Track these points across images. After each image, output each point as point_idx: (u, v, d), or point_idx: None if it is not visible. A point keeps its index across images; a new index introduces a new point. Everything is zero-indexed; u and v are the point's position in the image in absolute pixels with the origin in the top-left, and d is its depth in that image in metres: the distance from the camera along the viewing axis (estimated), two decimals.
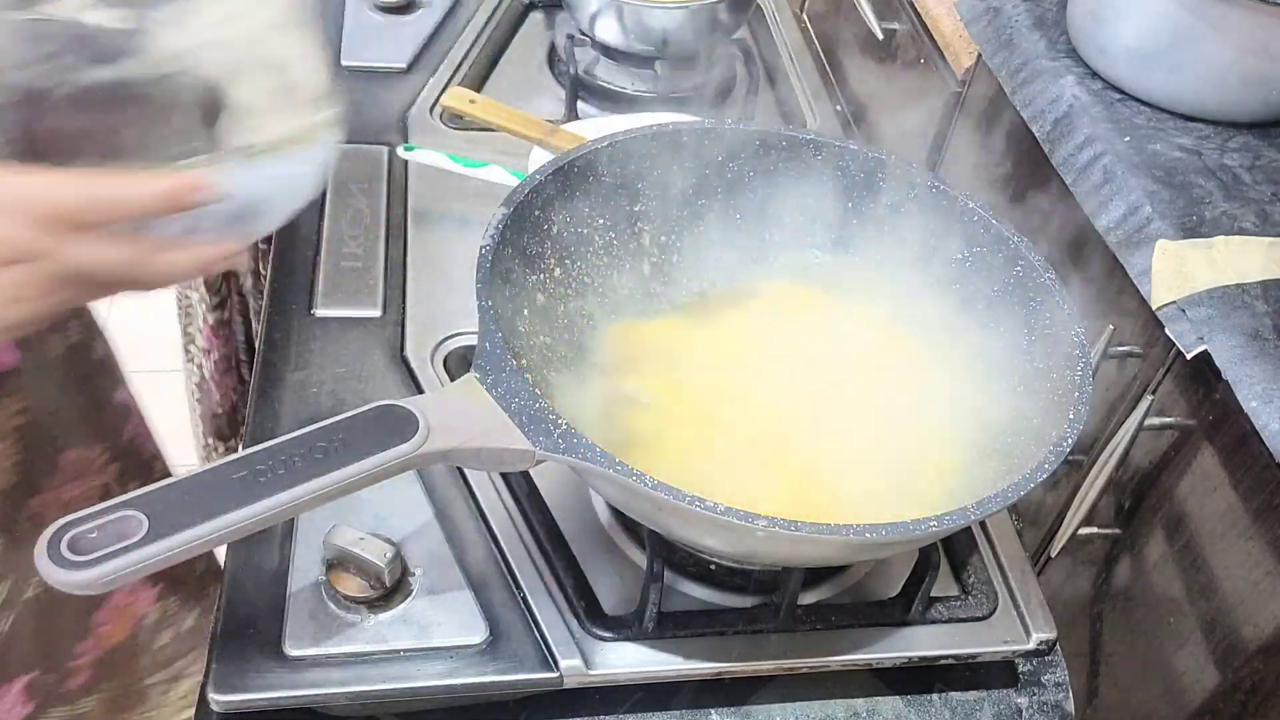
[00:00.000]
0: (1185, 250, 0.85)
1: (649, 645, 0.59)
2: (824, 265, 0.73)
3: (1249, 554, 0.79)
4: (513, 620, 0.59)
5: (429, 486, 0.65)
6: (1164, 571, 0.89)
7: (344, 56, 1.01)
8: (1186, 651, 0.86)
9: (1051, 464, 0.53)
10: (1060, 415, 0.56)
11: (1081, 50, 1.07)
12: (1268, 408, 0.74)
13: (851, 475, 0.63)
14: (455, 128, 0.95)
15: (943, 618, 0.63)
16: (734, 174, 0.72)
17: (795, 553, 0.54)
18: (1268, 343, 0.78)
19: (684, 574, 0.63)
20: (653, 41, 0.98)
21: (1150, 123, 1.00)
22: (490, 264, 0.57)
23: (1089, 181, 0.96)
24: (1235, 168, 0.96)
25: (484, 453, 0.52)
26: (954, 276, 0.69)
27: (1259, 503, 0.78)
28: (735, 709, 0.61)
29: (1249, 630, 0.79)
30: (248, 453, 0.49)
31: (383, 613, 0.58)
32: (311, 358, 0.72)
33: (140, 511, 0.45)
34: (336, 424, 0.50)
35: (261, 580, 0.59)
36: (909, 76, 1.38)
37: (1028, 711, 0.64)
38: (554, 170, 0.65)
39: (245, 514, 0.46)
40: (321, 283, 0.78)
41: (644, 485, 0.48)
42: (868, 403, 0.67)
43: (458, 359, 0.74)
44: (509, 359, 0.53)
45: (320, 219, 0.83)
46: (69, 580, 0.43)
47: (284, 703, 0.55)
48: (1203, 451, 0.84)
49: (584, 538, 0.64)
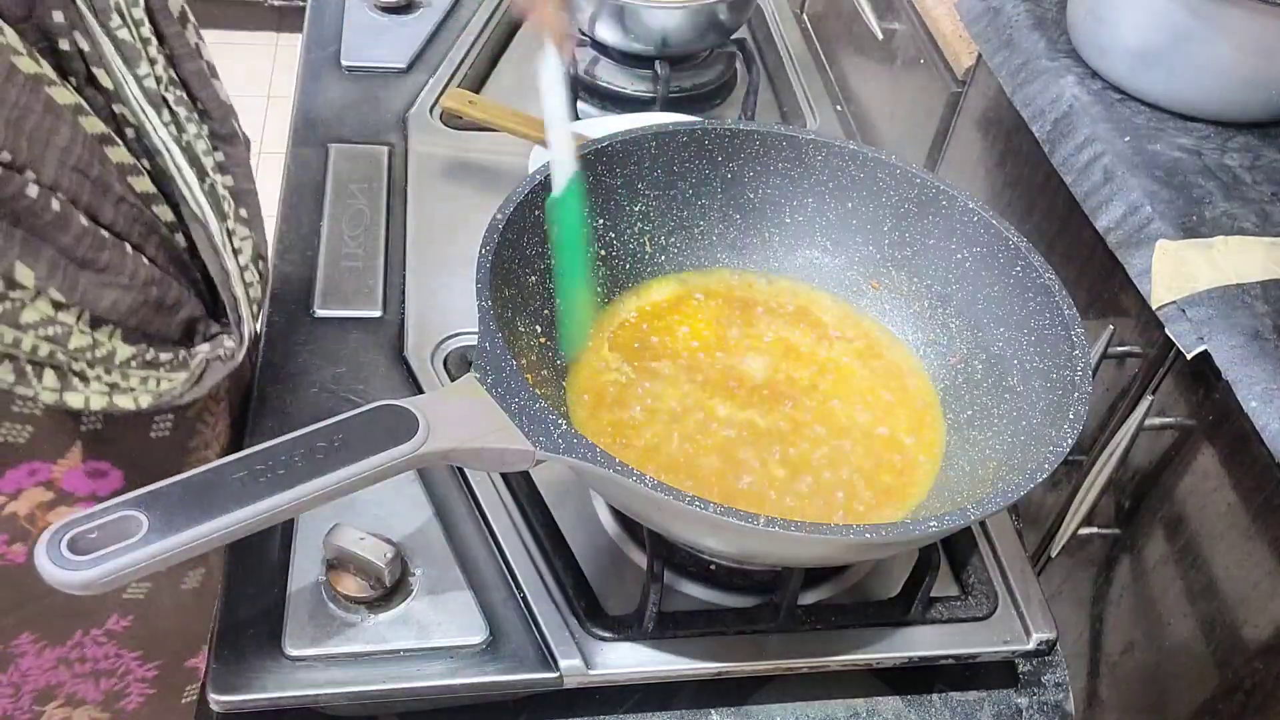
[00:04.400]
0: (1185, 250, 0.85)
1: (649, 645, 0.59)
2: (824, 265, 0.74)
3: (1249, 554, 0.79)
4: (513, 620, 0.59)
5: (429, 486, 0.65)
6: (1164, 571, 0.89)
7: (344, 56, 1.01)
8: (1186, 651, 0.86)
9: (1051, 464, 0.53)
10: (1060, 415, 0.56)
11: (1081, 50, 1.07)
12: (1268, 408, 0.74)
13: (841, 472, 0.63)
14: (455, 128, 0.95)
15: (943, 618, 0.63)
16: (734, 174, 0.72)
17: (795, 553, 0.54)
18: (1268, 343, 0.78)
19: (684, 574, 0.63)
20: (653, 41, 0.98)
21: (1150, 123, 1.00)
22: (490, 264, 0.57)
23: (1089, 181, 0.96)
24: (1235, 168, 0.96)
25: (484, 453, 0.52)
26: (954, 276, 0.69)
27: (1259, 503, 0.78)
28: (735, 709, 0.61)
29: (1249, 630, 0.79)
30: (248, 453, 0.48)
31: (383, 613, 0.58)
32: (311, 358, 0.72)
33: (140, 511, 0.45)
34: (336, 424, 0.50)
35: (261, 580, 0.59)
36: (909, 76, 1.38)
37: (1028, 711, 0.64)
38: None
39: (245, 514, 0.46)
40: (321, 283, 0.78)
41: (644, 486, 0.48)
42: (865, 402, 0.67)
43: (458, 359, 0.74)
44: (509, 359, 0.53)
45: (320, 219, 0.83)
46: (69, 580, 0.43)
47: (284, 703, 0.55)
48: (1203, 451, 0.84)
49: (584, 538, 0.64)
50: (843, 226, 0.72)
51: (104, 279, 0.50)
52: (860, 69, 1.50)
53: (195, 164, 0.56)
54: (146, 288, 0.52)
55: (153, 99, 0.53)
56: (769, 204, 0.73)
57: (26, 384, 0.50)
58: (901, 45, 1.40)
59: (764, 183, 0.72)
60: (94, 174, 0.50)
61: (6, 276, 0.46)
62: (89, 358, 0.51)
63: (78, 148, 0.49)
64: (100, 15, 0.51)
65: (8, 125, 0.45)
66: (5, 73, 0.45)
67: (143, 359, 0.53)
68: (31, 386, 0.50)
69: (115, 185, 0.51)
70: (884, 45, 1.42)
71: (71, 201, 0.49)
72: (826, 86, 1.12)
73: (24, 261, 0.47)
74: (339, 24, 1.06)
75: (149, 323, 0.53)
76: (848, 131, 1.06)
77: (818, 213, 0.73)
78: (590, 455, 0.50)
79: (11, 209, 0.46)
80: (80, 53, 0.50)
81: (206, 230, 0.56)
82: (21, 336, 0.48)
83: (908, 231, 0.70)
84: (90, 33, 0.50)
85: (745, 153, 0.71)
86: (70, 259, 0.49)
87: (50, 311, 0.49)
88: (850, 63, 1.52)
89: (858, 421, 0.66)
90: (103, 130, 0.51)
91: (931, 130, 1.32)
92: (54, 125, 0.48)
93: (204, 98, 0.58)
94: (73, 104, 0.49)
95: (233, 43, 2.63)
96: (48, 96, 0.47)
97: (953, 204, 0.68)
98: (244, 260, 0.59)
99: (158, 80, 0.54)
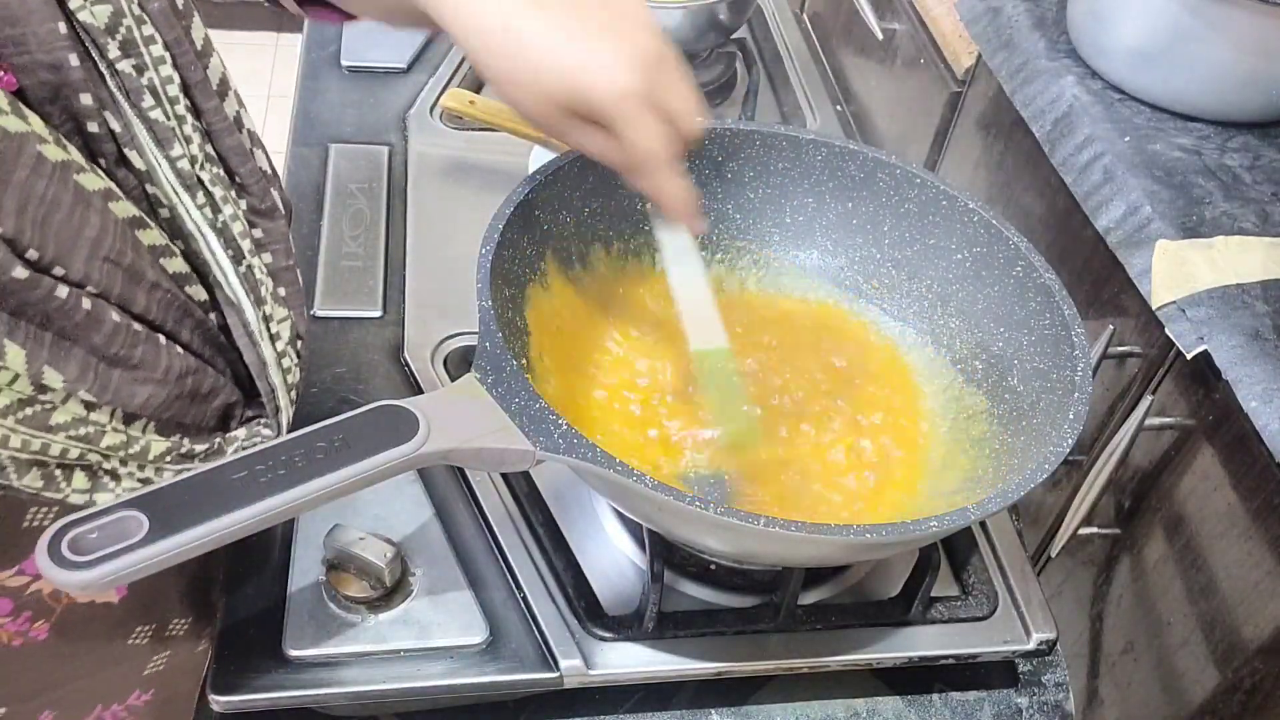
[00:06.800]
0: (1185, 250, 0.85)
1: (649, 645, 0.59)
2: (824, 265, 0.74)
3: (1249, 554, 0.79)
4: (513, 620, 0.59)
5: (429, 486, 0.65)
6: (1164, 571, 0.89)
7: (344, 56, 1.01)
8: (1186, 651, 0.86)
9: (1051, 464, 0.53)
10: (1060, 415, 0.56)
11: (1081, 50, 1.07)
12: (1268, 408, 0.74)
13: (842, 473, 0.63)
14: (455, 128, 0.95)
15: (943, 618, 0.63)
16: (734, 174, 0.72)
17: (795, 553, 0.54)
18: (1268, 343, 0.78)
19: (684, 574, 0.63)
20: None
21: (1150, 123, 1.00)
22: (490, 264, 0.57)
23: (1089, 181, 0.96)
24: (1235, 168, 0.96)
25: (484, 453, 0.52)
26: (954, 276, 0.69)
27: (1259, 503, 0.78)
28: (735, 709, 0.61)
29: (1249, 630, 0.79)
30: (248, 453, 0.48)
31: (383, 613, 0.58)
32: (311, 358, 0.72)
33: (140, 511, 0.45)
34: (336, 424, 0.50)
35: (261, 580, 0.59)
36: (909, 76, 1.38)
37: (1028, 711, 0.64)
38: (554, 170, 0.64)
39: (245, 514, 0.46)
40: (321, 283, 0.78)
41: (644, 486, 0.48)
42: (864, 401, 0.67)
43: (458, 359, 0.74)
44: (509, 359, 0.53)
45: (320, 219, 0.83)
46: (69, 580, 0.43)
47: (284, 703, 0.55)
48: (1203, 451, 0.84)
49: (584, 538, 0.64)
50: (843, 226, 0.72)
51: (137, 375, 0.48)
52: (860, 69, 1.50)
53: (231, 245, 0.53)
54: (181, 380, 0.50)
55: (186, 180, 0.51)
56: (769, 204, 0.73)
57: (55, 488, 0.48)
58: (901, 45, 1.39)
59: (764, 183, 0.72)
60: (126, 262, 0.47)
61: (35, 381, 0.44)
62: (121, 455, 0.49)
63: (109, 237, 0.46)
64: (133, 96, 0.48)
65: (35, 222, 0.43)
66: (32, 163, 0.43)
67: (177, 452, 0.51)
68: (60, 490, 0.48)
69: (148, 272, 0.49)
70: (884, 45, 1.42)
71: (103, 295, 0.46)
72: (826, 86, 1.12)
73: (53, 365, 0.44)
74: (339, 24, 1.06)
75: (184, 414, 0.51)
76: (848, 131, 1.06)
77: (818, 213, 0.73)
78: (590, 455, 0.50)
79: (41, 310, 0.44)
80: (111, 134, 0.47)
81: (242, 318, 0.54)
82: (51, 440, 0.46)
83: (908, 231, 0.70)
84: (122, 114, 0.47)
85: (745, 153, 0.71)
86: (102, 358, 0.46)
87: (81, 412, 0.47)
88: (850, 63, 1.52)
89: (857, 421, 0.66)
90: (134, 214, 0.48)
91: (931, 130, 1.32)
92: (84, 215, 0.45)
93: (243, 173, 0.54)
94: (103, 189, 0.46)
95: (233, 43, 2.63)
96: (77, 184, 0.45)
97: (953, 204, 0.68)
98: (281, 346, 0.56)
99: (192, 160, 0.51)
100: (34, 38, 0.43)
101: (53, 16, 0.44)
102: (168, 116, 0.49)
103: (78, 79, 0.45)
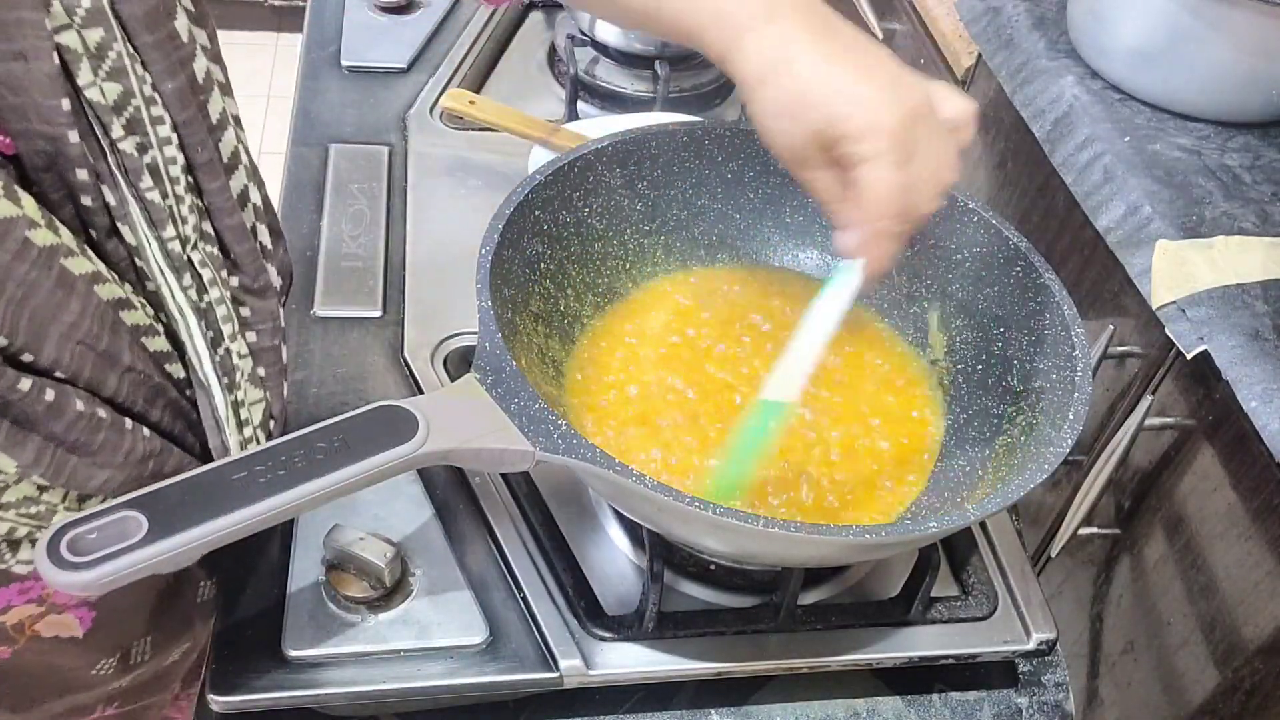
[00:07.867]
0: (1185, 250, 0.85)
1: (649, 645, 0.59)
2: (824, 265, 0.74)
3: (1249, 554, 0.79)
4: (513, 620, 0.59)
5: (429, 486, 0.65)
6: (1164, 571, 0.89)
7: (344, 56, 1.01)
8: (1186, 651, 0.86)
9: (1051, 464, 0.53)
10: (1060, 415, 0.56)
11: (1081, 50, 1.07)
12: (1268, 408, 0.74)
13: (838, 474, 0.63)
14: (455, 128, 0.95)
15: (943, 618, 0.63)
16: (734, 174, 0.72)
17: (795, 553, 0.54)
18: (1268, 343, 0.78)
19: (684, 574, 0.63)
20: (652, 41, 0.98)
21: (1150, 123, 1.00)
22: (490, 264, 0.57)
23: (1089, 181, 0.96)
24: (1235, 168, 0.96)
25: (484, 453, 0.52)
26: (954, 276, 0.69)
27: (1259, 503, 0.78)
28: (735, 709, 0.61)
29: (1249, 630, 0.79)
30: (247, 453, 0.48)
31: (383, 613, 0.58)
32: (311, 358, 0.72)
33: (140, 512, 0.45)
34: (336, 424, 0.50)
35: (261, 581, 0.59)
36: None
37: (1028, 711, 0.64)
38: (554, 170, 0.64)
39: (245, 514, 0.46)
40: (321, 283, 0.78)
41: (644, 486, 0.48)
42: (864, 402, 0.67)
43: (458, 359, 0.74)
44: (509, 359, 0.53)
45: (320, 219, 0.83)
46: (69, 581, 0.43)
47: (284, 703, 0.55)
48: (1203, 451, 0.84)
49: (584, 538, 0.64)
50: None
51: (96, 460, 0.47)
52: None
53: (213, 327, 0.53)
54: (143, 463, 0.49)
55: (175, 262, 0.50)
56: (769, 204, 0.73)
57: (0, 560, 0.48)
58: (901, 45, 1.39)
59: (764, 183, 0.72)
60: (101, 346, 0.47)
61: None
62: None
63: (86, 320, 0.46)
64: (131, 175, 0.47)
65: (10, 304, 0.42)
66: (15, 248, 0.42)
67: None
68: (4, 561, 0.48)
69: (124, 354, 0.48)
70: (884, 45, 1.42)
71: (71, 380, 0.46)
72: None
73: (6, 452, 0.44)
74: (339, 24, 1.06)
75: None
76: None
77: (818, 213, 0.73)
78: (590, 455, 0.50)
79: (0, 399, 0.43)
80: (106, 207, 0.47)
81: (211, 402, 0.53)
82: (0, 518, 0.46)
83: None
84: (118, 189, 0.47)
85: (745, 153, 0.71)
86: (60, 444, 0.46)
87: (33, 492, 0.46)
88: None
89: (857, 421, 0.66)
90: (120, 295, 0.48)
91: None
92: (63, 300, 0.44)
93: (239, 252, 0.54)
94: (89, 273, 0.46)
95: (233, 43, 2.63)
96: (62, 268, 0.44)
97: (953, 204, 0.68)
98: (249, 431, 0.55)
99: (184, 241, 0.50)
100: (34, 109, 0.43)
101: (58, 92, 0.43)
102: (165, 196, 0.49)
103: (75, 155, 0.44)
